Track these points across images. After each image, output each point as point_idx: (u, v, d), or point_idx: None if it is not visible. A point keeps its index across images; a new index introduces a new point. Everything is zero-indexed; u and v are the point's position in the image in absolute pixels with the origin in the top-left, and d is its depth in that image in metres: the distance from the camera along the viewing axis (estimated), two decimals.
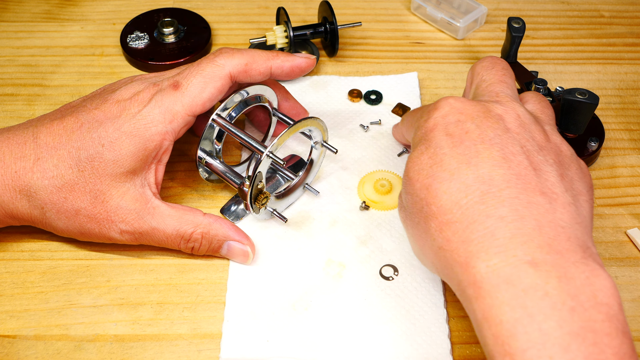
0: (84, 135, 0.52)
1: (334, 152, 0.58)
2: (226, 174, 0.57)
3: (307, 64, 0.59)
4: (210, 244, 0.55)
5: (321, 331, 0.52)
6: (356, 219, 0.59)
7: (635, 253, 0.57)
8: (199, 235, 0.54)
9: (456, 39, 0.75)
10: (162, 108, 0.53)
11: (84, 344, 0.51)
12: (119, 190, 0.52)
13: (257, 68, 0.56)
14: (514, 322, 0.39)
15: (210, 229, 0.54)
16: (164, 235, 0.53)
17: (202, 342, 0.51)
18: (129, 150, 0.52)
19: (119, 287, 0.54)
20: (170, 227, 0.53)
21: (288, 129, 0.54)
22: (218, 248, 0.55)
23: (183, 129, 0.54)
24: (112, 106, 0.53)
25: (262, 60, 0.56)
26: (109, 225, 0.53)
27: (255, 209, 0.56)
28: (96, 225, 0.53)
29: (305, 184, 0.60)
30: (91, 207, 0.52)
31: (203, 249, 0.55)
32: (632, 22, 0.78)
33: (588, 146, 0.62)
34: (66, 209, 0.52)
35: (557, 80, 0.71)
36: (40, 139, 0.53)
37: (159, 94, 0.53)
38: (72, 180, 0.52)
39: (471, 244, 0.42)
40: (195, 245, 0.54)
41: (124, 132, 0.52)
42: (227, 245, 0.55)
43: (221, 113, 0.56)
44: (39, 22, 0.77)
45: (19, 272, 0.55)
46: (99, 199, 0.52)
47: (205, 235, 0.54)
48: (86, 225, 0.53)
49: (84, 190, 0.52)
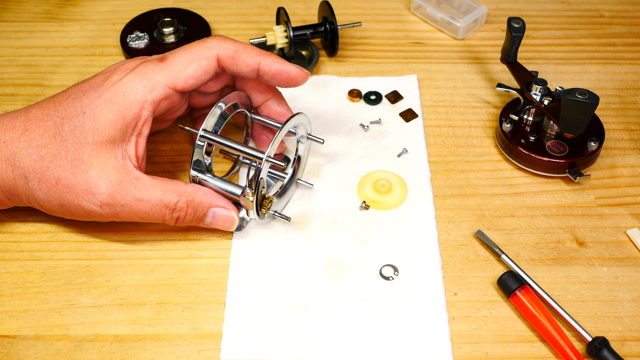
0: (69, 104, 0.53)
1: (321, 142, 0.58)
2: (222, 187, 0.57)
3: (297, 73, 0.56)
4: (195, 212, 0.54)
5: (321, 331, 0.52)
6: (356, 219, 0.59)
7: (635, 253, 0.57)
8: (184, 204, 0.53)
9: (456, 39, 0.75)
10: (144, 77, 0.53)
11: (84, 344, 0.51)
12: (99, 160, 0.52)
13: (245, 58, 0.55)
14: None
15: (195, 196, 0.54)
16: (148, 206, 0.52)
17: (202, 342, 0.51)
18: (108, 118, 0.52)
19: (119, 287, 0.54)
20: (155, 198, 0.53)
21: (280, 131, 0.54)
22: (203, 216, 0.54)
23: (164, 102, 0.54)
24: (99, 77, 0.54)
25: (252, 53, 0.55)
26: (89, 197, 0.52)
27: (262, 215, 0.56)
28: (75, 197, 0.52)
29: (298, 179, 0.60)
30: (71, 176, 0.52)
31: (188, 219, 0.54)
32: (632, 22, 0.78)
33: (588, 146, 0.62)
34: (47, 177, 0.52)
35: (557, 80, 0.71)
36: (31, 112, 0.54)
37: (143, 64, 0.54)
38: (55, 149, 0.52)
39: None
40: (181, 215, 0.54)
41: (104, 99, 0.52)
42: (212, 213, 0.55)
43: (207, 128, 0.56)
44: (39, 22, 0.76)
45: (19, 272, 0.55)
46: (79, 168, 0.52)
47: (190, 203, 0.53)
48: (65, 196, 0.52)
49: (65, 158, 0.52)
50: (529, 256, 0.57)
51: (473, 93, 0.70)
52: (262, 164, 0.53)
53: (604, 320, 0.53)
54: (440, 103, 0.69)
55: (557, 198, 0.61)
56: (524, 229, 0.58)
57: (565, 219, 0.59)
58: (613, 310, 0.53)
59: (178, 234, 0.57)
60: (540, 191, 0.61)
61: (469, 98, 0.69)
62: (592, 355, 0.50)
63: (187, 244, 0.57)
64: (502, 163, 0.63)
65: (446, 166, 0.63)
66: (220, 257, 0.56)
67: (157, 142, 0.64)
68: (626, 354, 0.51)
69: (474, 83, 0.71)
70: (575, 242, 0.58)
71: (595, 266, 0.56)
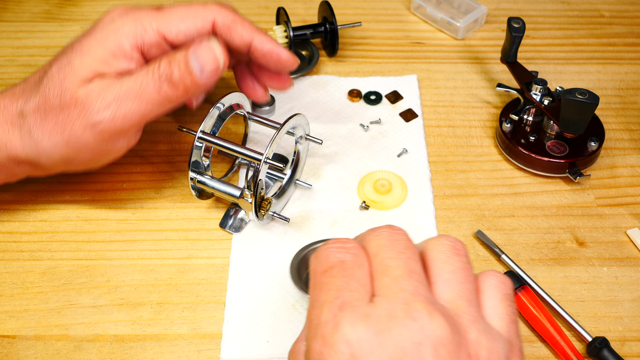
0: (65, 51, 0.53)
1: (319, 143, 0.58)
2: (220, 188, 0.57)
3: (287, 57, 0.56)
4: (175, 67, 0.51)
5: None
6: (356, 219, 0.59)
7: (635, 253, 0.57)
8: (163, 64, 0.51)
9: (456, 39, 0.75)
10: (137, 20, 0.53)
11: (83, 344, 0.51)
12: (86, 87, 0.51)
13: (240, 31, 0.55)
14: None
15: (171, 54, 0.52)
16: (133, 92, 0.51)
17: (202, 342, 0.51)
18: (96, 54, 0.52)
19: (119, 287, 0.54)
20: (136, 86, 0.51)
21: (278, 131, 0.54)
22: (186, 65, 0.51)
23: (153, 50, 0.53)
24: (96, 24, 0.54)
25: (248, 28, 0.55)
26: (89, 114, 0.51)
27: (261, 216, 0.56)
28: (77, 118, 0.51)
29: (297, 180, 0.60)
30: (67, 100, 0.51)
31: (175, 77, 0.51)
32: (632, 22, 0.78)
33: (588, 146, 0.62)
34: (46, 111, 0.51)
35: (557, 80, 0.71)
36: (33, 77, 0.54)
37: (137, 9, 0.54)
38: (48, 92, 0.52)
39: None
40: (163, 74, 0.51)
41: (94, 37, 0.52)
42: (194, 55, 0.51)
43: (205, 129, 0.56)
44: (39, 22, 0.76)
45: (19, 272, 0.55)
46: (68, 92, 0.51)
47: (167, 58, 0.52)
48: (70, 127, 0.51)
49: (55, 93, 0.51)
50: (529, 256, 0.57)
51: (473, 93, 0.70)
52: (261, 165, 0.53)
53: (604, 320, 0.53)
54: (440, 103, 0.69)
55: (557, 198, 0.61)
56: (524, 229, 0.58)
57: (565, 219, 0.59)
58: (613, 310, 0.53)
59: (178, 234, 0.57)
60: (540, 191, 0.61)
61: (469, 98, 0.69)
62: (592, 355, 0.50)
63: (187, 244, 0.57)
64: (502, 163, 0.63)
65: (446, 166, 0.63)
66: (220, 257, 0.56)
67: (156, 142, 0.64)
68: (626, 354, 0.51)
69: (474, 83, 0.71)
70: (575, 242, 0.58)
71: (595, 266, 0.56)
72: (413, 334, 0.34)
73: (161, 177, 0.62)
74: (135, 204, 0.60)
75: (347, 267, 0.38)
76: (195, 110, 0.63)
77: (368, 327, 0.34)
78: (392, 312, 0.35)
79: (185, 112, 0.67)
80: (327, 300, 0.36)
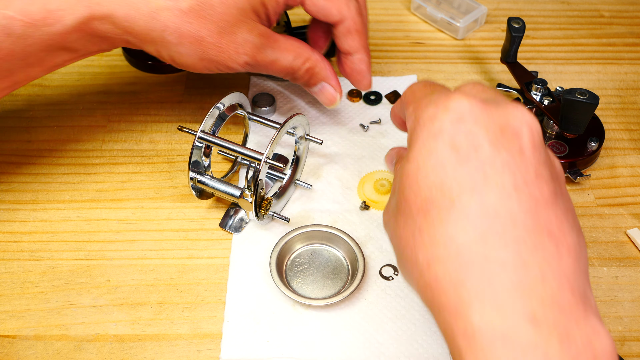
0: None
1: (319, 143, 0.58)
2: (220, 188, 0.57)
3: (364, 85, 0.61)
4: (310, 79, 0.59)
5: (321, 331, 0.52)
6: (356, 219, 0.59)
7: (635, 253, 0.57)
8: (305, 71, 0.58)
9: (456, 39, 0.75)
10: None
11: (84, 344, 0.51)
12: (248, 25, 0.53)
13: (351, 42, 0.58)
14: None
15: (316, 66, 0.58)
16: (278, 66, 0.57)
17: (202, 342, 0.51)
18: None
19: (119, 287, 0.54)
20: (286, 61, 0.57)
21: (278, 132, 0.54)
22: (314, 84, 0.60)
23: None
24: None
25: (357, 43, 0.59)
26: (235, 56, 0.54)
27: (261, 216, 0.56)
28: (220, 54, 0.54)
29: (297, 180, 0.60)
30: (217, 36, 0.53)
31: (302, 81, 0.59)
32: (632, 22, 0.78)
33: (588, 146, 0.62)
34: (190, 33, 0.52)
35: (557, 80, 0.71)
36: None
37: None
38: (198, 6, 0.52)
39: (464, 288, 0.36)
40: (298, 75, 0.58)
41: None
42: (322, 85, 0.60)
43: (205, 129, 0.56)
44: None
45: (19, 272, 0.55)
46: (226, 30, 0.53)
47: (310, 70, 0.58)
48: (210, 52, 0.53)
49: (210, 19, 0.52)
50: None
51: None
52: (261, 165, 0.53)
53: (604, 320, 0.53)
54: None
55: None
56: None
57: None
58: (613, 310, 0.53)
59: (178, 234, 0.57)
60: None
61: None
62: None
63: (187, 244, 0.57)
64: None
65: None
66: (220, 257, 0.56)
67: (156, 142, 0.64)
68: (626, 354, 0.51)
69: None
70: None
71: (595, 266, 0.56)
72: (515, 113, 0.39)
73: (161, 177, 0.62)
74: (135, 204, 0.60)
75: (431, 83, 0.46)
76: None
77: (475, 100, 0.40)
78: (496, 98, 0.41)
79: (185, 112, 0.67)
80: (428, 95, 0.43)
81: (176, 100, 0.68)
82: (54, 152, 0.63)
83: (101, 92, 0.69)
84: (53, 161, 0.63)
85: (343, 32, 0.58)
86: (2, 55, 0.50)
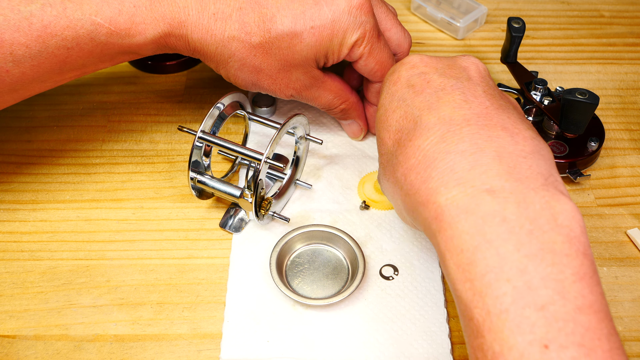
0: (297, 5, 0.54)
1: (319, 143, 0.58)
2: (220, 188, 0.57)
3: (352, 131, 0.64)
4: (343, 115, 0.62)
5: (321, 331, 0.52)
6: (356, 219, 0.59)
7: (635, 253, 0.57)
8: (340, 110, 0.61)
9: (456, 39, 0.75)
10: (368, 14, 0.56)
11: (83, 344, 0.51)
12: (305, 68, 0.56)
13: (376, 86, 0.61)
14: (473, 249, 0.39)
15: (351, 107, 0.61)
16: (318, 102, 0.60)
17: (202, 342, 0.51)
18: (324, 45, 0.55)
19: (119, 287, 0.54)
20: (327, 99, 0.59)
21: (278, 132, 0.54)
22: (344, 119, 0.63)
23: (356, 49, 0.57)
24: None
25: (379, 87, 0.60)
26: (285, 89, 0.58)
27: (261, 216, 0.56)
28: (272, 85, 0.57)
29: (297, 180, 0.60)
30: (275, 72, 0.56)
31: (335, 115, 0.62)
32: (632, 22, 0.78)
33: (588, 146, 0.62)
34: (252, 64, 0.55)
35: (557, 80, 0.71)
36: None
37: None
38: (268, 45, 0.54)
39: (431, 181, 0.42)
40: (334, 112, 0.61)
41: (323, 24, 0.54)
42: (352, 121, 0.63)
43: (205, 129, 0.56)
44: None
45: (19, 272, 0.55)
46: (285, 69, 0.56)
47: (345, 111, 0.61)
48: (263, 82, 0.57)
49: (274, 57, 0.55)
50: None
51: None
52: (261, 165, 0.53)
53: None
54: None
55: None
56: None
57: None
58: (613, 311, 0.53)
59: (178, 234, 0.57)
60: None
61: None
62: None
63: (187, 244, 0.57)
64: None
65: None
66: (220, 257, 0.56)
67: (156, 142, 0.64)
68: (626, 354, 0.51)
69: None
70: None
71: None
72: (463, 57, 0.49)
73: (161, 177, 0.62)
74: (135, 204, 0.60)
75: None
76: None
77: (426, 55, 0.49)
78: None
79: (185, 112, 0.67)
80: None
81: (176, 100, 0.68)
82: (54, 152, 0.63)
83: (101, 92, 0.69)
84: (53, 161, 0.63)
85: (378, 90, 0.60)
86: (82, 54, 0.53)
